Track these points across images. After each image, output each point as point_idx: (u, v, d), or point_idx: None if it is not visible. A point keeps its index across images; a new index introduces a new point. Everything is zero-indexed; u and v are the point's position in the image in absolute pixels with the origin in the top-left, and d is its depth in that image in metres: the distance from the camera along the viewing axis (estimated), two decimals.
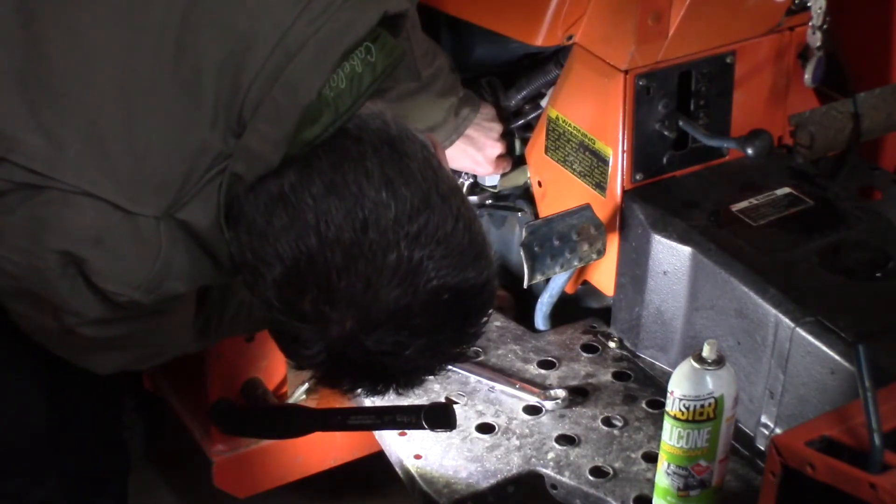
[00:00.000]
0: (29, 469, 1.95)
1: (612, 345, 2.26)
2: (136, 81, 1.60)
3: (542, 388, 2.16)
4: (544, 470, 2.01)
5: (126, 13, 1.61)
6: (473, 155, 2.30)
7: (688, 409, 1.80)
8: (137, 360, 1.86)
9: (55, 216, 1.59)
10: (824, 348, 1.87)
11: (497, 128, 2.32)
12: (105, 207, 1.59)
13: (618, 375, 2.20)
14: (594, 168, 2.20)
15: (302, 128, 1.60)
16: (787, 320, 1.92)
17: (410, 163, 1.62)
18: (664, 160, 2.21)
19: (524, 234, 2.09)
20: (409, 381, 1.70)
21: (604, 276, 2.26)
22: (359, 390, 1.70)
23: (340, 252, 1.56)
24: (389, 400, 2.13)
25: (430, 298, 1.59)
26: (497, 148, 2.33)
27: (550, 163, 2.29)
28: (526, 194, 2.41)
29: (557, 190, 2.30)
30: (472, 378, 2.18)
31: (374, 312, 1.57)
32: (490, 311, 1.70)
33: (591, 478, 1.99)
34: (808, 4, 2.23)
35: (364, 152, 1.61)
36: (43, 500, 1.97)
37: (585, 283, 2.32)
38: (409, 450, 2.05)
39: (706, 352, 1.80)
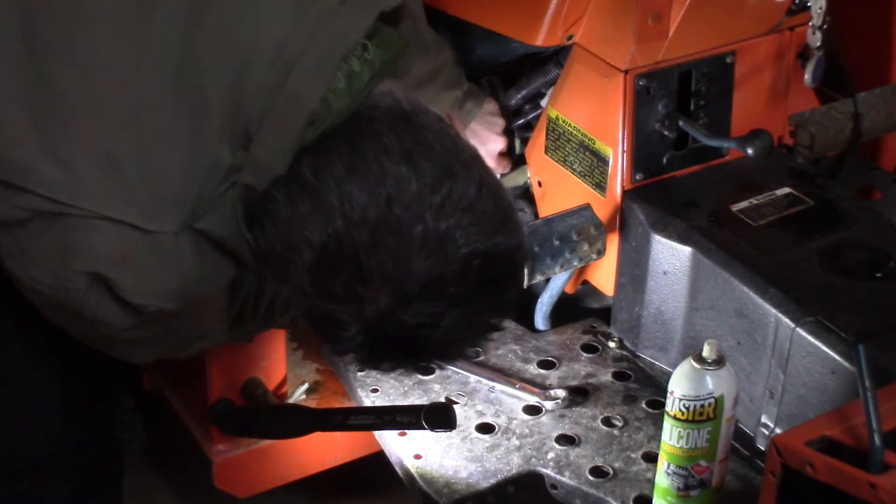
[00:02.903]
0: (48, 472, 1.96)
1: (612, 345, 2.26)
2: (142, 104, 1.61)
3: (542, 388, 2.16)
4: (544, 470, 2.01)
5: (127, 37, 1.62)
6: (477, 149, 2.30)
7: (688, 409, 1.80)
8: (175, 349, 1.90)
9: (78, 241, 1.63)
10: (824, 348, 1.87)
11: (500, 122, 2.33)
12: (124, 229, 1.62)
13: (618, 375, 2.20)
14: (594, 168, 2.20)
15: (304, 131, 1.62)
16: (787, 320, 1.92)
17: (427, 134, 1.63)
18: (664, 160, 2.21)
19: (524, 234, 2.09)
20: (450, 353, 1.72)
21: (604, 276, 2.26)
22: (401, 369, 1.70)
23: (367, 230, 1.57)
24: (390, 399, 2.14)
25: (462, 266, 1.59)
26: (500, 143, 2.33)
27: (550, 163, 2.29)
28: (526, 194, 2.41)
29: (557, 190, 2.30)
30: (472, 378, 2.18)
31: (407, 286, 1.58)
32: (522, 276, 1.71)
33: (591, 478, 1.99)
34: (808, 4, 2.23)
35: (379, 130, 1.62)
36: (49, 493, 1.97)
37: (585, 283, 2.32)
38: (409, 450, 2.05)
39: (706, 352, 1.80)
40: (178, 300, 1.68)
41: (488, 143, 2.31)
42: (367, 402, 2.15)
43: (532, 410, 2.12)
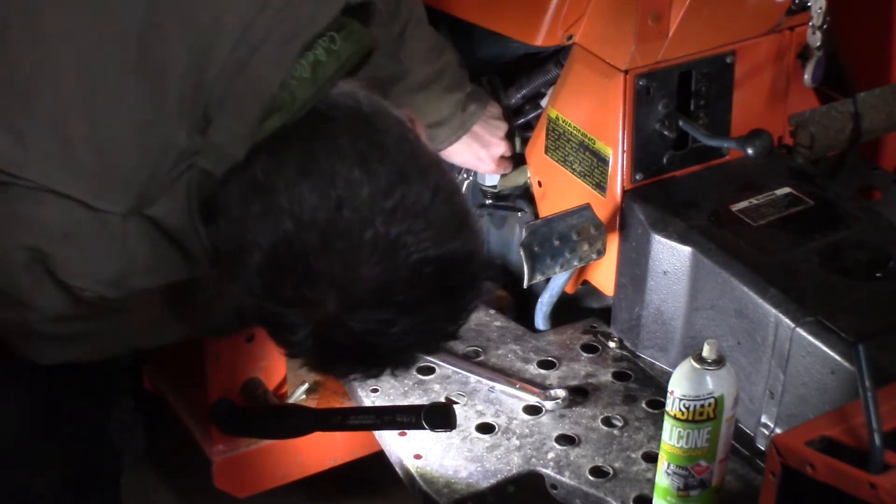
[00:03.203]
0: (40, 467, 1.95)
1: (612, 345, 2.26)
2: (100, 79, 1.60)
3: (542, 388, 2.16)
4: (544, 470, 2.01)
5: (90, 11, 1.61)
6: (477, 151, 2.31)
7: (688, 409, 1.80)
8: (90, 354, 1.84)
9: (22, 212, 1.61)
10: (824, 348, 1.87)
11: (503, 126, 2.33)
12: (71, 205, 1.60)
13: (618, 375, 2.20)
14: (594, 168, 2.20)
15: (265, 118, 1.61)
16: (787, 320, 1.92)
17: (384, 138, 1.61)
18: (664, 160, 2.21)
19: (524, 234, 2.09)
20: (402, 361, 1.69)
21: (604, 276, 2.26)
22: (353, 375, 1.69)
23: (317, 233, 1.55)
24: (390, 399, 2.14)
25: (413, 273, 1.57)
26: (501, 146, 2.33)
27: (550, 163, 2.29)
28: (526, 194, 2.41)
29: (557, 190, 2.30)
30: (472, 378, 2.18)
31: (355, 291, 1.56)
32: (480, 283, 1.68)
33: (591, 478, 1.99)
34: (808, 4, 2.23)
35: (335, 131, 1.60)
36: (45, 492, 1.96)
37: (585, 283, 2.32)
38: (409, 450, 2.05)
39: (706, 352, 1.80)
40: (118, 287, 1.65)
41: (490, 147, 2.31)
42: (367, 402, 2.14)
43: (532, 410, 2.12)
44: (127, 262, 1.64)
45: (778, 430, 1.95)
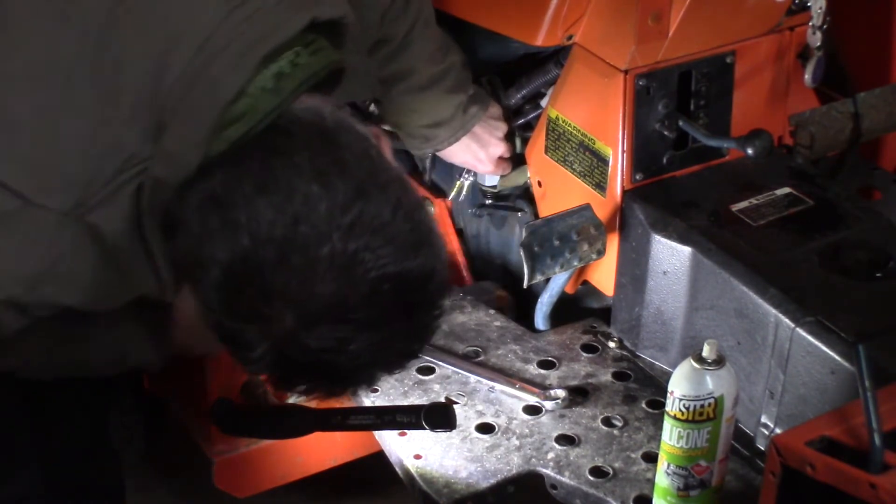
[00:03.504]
0: (27, 462, 1.93)
1: (612, 345, 2.26)
2: (54, 71, 1.57)
3: (542, 388, 2.16)
4: (544, 470, 2.01)
5: (55, 2, 1.59)
6: (476, 151, 2.31)
7: (688, 409, 1.80)
8: None
9: None
10: (824, 348, 1.87)
11: (503, 127, 2.33)
12: (3, 193, 1.55)
13: (618, 375, 2.20)
14: (594, 168, 2.20)
15: (224, 127, 1.58)
16: (787, 320, 1.92)
17: (345, 154, 1.59)
18: (664, 160, 2.21)
19: (524, 234, 2.09)
20: (361, 378, 1.67)
21: (604, 276, 2.26)
22: (314, 393, 1.68)
23: (273, 249, 1.53)
24: (390, 399, 2.14)
25: (371, 290, 1.55)
26: (500, 147, 2.33)
27: (550, 163, 2.29)
28: (526, 194, 2.41)
29: (557, 190, 2.30)
30: (472, 378, 2.18)
31: (311, 307, 1.54)
32: (441, 302, 1.66)
33: (591, 478, 1.99)
34: (808, 4, 2.23)
35: (294, 147, 1.58)
36: (44, 493, 1.95)
37: (585, 283, 2.32)
38: (409, 450, 2.05)
39: (706, 352, 1.80)
40: (32, 289, 1.58)
41: (489, 147, 2.32)
42: (367, 402, 2.15)
43: (532, 410, 2.12)
44: (49, 265, 1.58)
45: (778, 430, 1.95)
